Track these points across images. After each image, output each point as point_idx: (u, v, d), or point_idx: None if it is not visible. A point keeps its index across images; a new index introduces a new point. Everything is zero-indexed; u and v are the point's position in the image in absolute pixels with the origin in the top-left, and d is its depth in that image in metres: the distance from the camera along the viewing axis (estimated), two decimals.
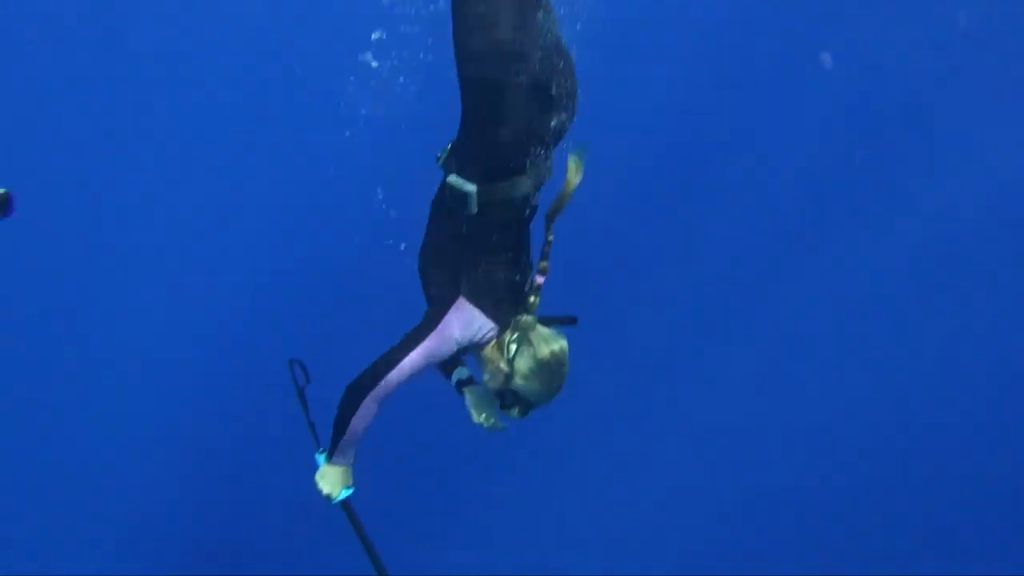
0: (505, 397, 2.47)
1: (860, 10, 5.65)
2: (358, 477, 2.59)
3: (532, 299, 2.43)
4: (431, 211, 2.57)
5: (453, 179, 2.36)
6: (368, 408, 2.41)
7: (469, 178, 2.35)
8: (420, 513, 6.05)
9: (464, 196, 2.33)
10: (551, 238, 2.41)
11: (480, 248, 2.41)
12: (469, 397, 2.74)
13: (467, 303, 2.41)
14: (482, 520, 6.17)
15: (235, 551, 5.89)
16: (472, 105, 2.35)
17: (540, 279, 2.45)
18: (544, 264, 2.45)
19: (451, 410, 2.92)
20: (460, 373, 2.81)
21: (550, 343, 2.41)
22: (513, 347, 2.39)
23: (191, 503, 5.80)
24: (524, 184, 2.33)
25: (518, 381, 2.42)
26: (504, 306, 2.44)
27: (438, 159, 2.46)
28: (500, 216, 2.38)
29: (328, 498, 2.60)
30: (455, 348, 2.43)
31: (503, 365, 2.41)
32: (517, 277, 2.45)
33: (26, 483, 5.39)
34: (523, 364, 2.39)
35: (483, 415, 2.66)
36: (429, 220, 2.58)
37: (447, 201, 2.42)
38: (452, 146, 2.45)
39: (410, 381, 2.41)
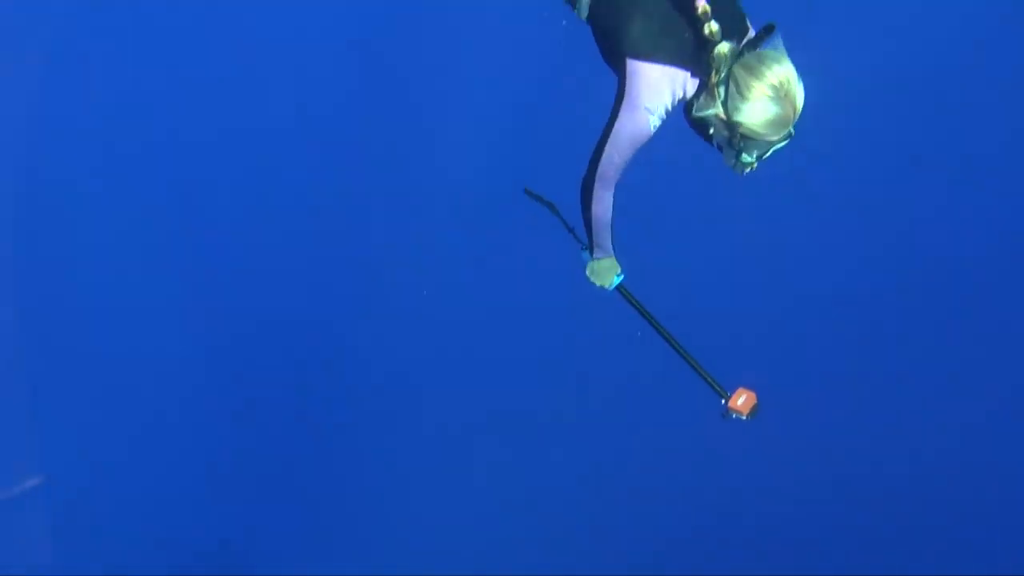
0: (735, 144, 2.17)
1: None
2: None
3: (709, 28, 2.07)
4: None
5: None
6: (601, 198, 2.32)
7: None
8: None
9: None
10: None
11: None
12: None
13: (638, 62, 2.14)
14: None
15: (236, 551, 5.90)
16: None
17: (702, 2, 2.08)
18: None
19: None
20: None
21: (762, 66, 2.04)
22: (722, 89, 2.08)
23: (192, 503, 5.81)
24: None
25: (743, 127, 2.10)
26: (684, 50, 2.14)
27: None
28: None
29: (604, 288, 2.63)
30: (657, 119, 2.17)
31: (720, 114, 2.10)
32: (683, 14, 2.14)
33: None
34: (738, 101, 2.07)
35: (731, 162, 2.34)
36: None
37: None
38: None
39: (631, 159, 2.25)
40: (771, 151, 2.16)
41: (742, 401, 2.71)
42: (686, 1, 2.09)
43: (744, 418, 2.71)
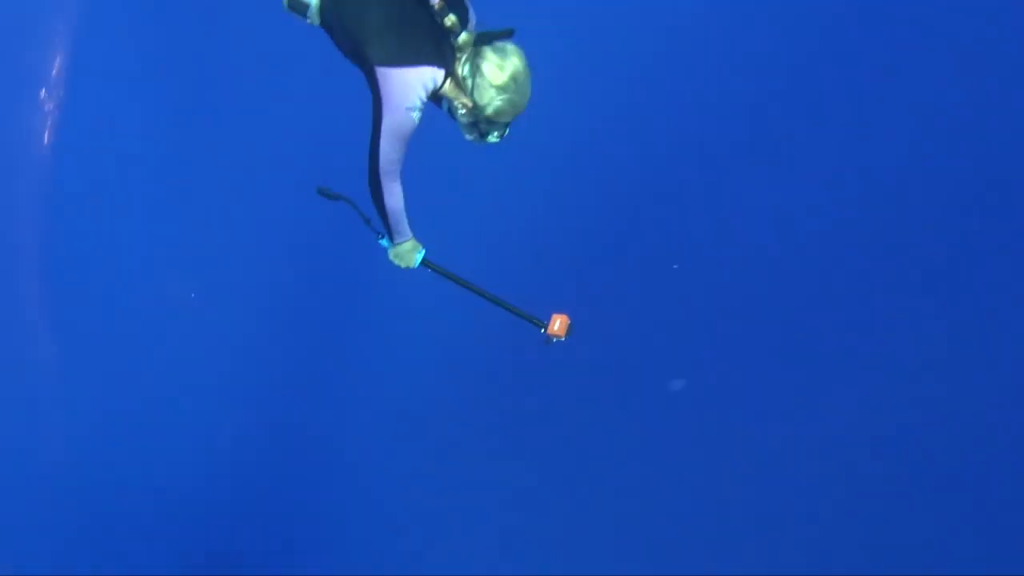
0: (481, 127, 2.45)
1: None
2: None
3: (448, 20, 2.28)
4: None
5: None
6: (391, 190, 2.49)
7: None
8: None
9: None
10: None
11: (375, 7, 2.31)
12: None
13: (387, 69, 2.27)
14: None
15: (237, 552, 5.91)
16: None
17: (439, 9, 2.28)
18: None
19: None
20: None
21: (502, 58, 2.33)
22: (468, 80, 2.33)
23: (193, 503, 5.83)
24: None
25: (488, 110, 2.37)
26: (426, 49, 2.30)
27: None
28: None
29: (409, 267, 2.81)
30: (417, 112, 2.32)
31: (466, 100, 2.36)
32: (420, 14, 2.30)
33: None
34: (484, 92, 2.33)
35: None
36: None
37: None
38: None
39: (406, 149, 2.40)
40: (507, 130, 2.45)
41: (558, 325, 2.98)
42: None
43: (563, 339, 2.98)
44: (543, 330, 3.00)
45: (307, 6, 2.35)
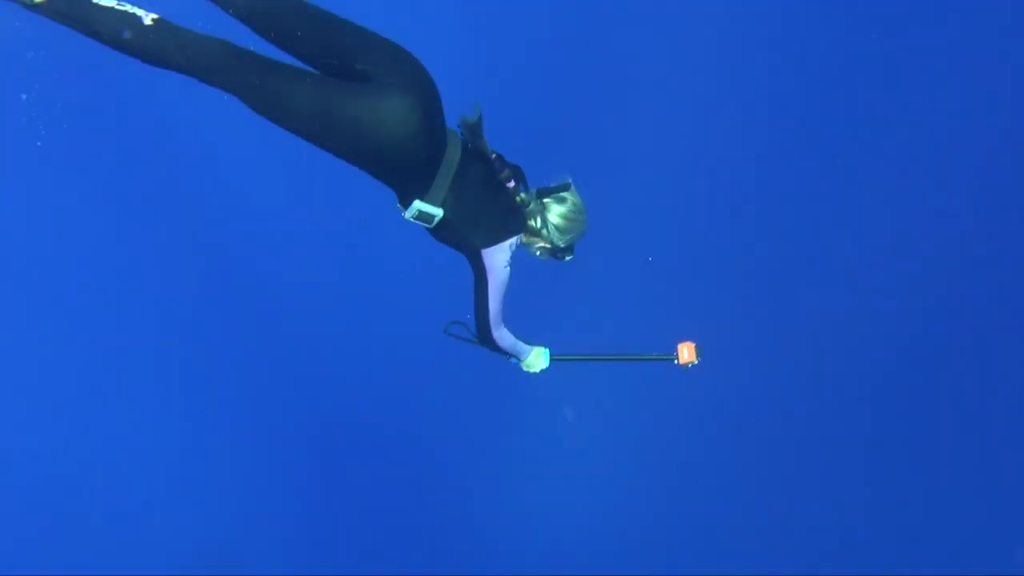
0: (558, 254, 3.04)
1: None
2: None
3: (520, 197, 2.88)
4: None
5: (418, 205, 2.81)
6: (501, 335, 3.01)
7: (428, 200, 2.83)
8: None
9: (430, 216, 2.82)
10: (493, 155, 2.86)
11: (462, 203, 2.83)
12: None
13: (487, 250, 2.86)
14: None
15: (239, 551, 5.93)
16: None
17: (511, 183, 2.87)
18: (506, 172, 2.86)
19: None
20: None
21: (561, 205, 2.95)
22: (544, 231, 2.93)
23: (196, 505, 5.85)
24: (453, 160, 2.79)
25: (560, 244, 2.98)
26: (510, 222, 2.91)
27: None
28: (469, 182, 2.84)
29: (545, 369, 3.25)
30: (509, 267, 2.91)
31: (545, 244, 2.98)
32: (500, 199, 2.89)
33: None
34: (555, 233, 2.94)
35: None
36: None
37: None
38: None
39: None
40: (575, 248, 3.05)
41: (687, 354, 3.19)
42: (495, 186, 2.85)
43: (698, 362, 3.19)
44: (676, 361, 3.23)
45: (433, 216, 2.80)
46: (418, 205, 2.75)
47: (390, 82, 2.57)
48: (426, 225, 2.82)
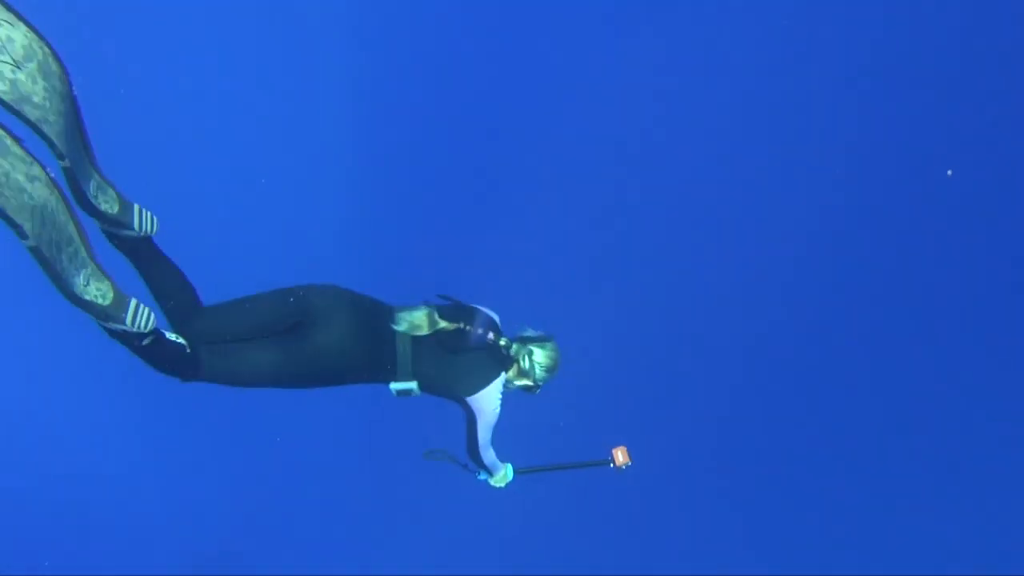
0: (533, 390, 3.40)
1: None
2: None
3: (502, 342, 3.27)
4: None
5: (394, 387, 3.21)
6: (487, 456, 3.41)
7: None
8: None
9: (409, 390, 3.23)
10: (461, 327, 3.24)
11: (432, 368, 3.22)
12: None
13: (474, 395, 3.25)
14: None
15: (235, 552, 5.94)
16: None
17: (490, 338, 3.26)
18: (479, 331, 3.25)
19: None
20: None
21: (545, 352, 3.34)
22: (528, 370, 3.31)
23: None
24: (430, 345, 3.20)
25: (541, 382, 3.36)
26: (488, 368, 3.28)
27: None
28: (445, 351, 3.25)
29: (510, 483, 3.60)
30: (499, 406, 3.30)
31: (527, 381, 3.34)
32: (468, 355, 3.25)
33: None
34: (540, 373, 3.33)
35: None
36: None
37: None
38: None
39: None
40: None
41: (620, 457, 3.54)
42: (478, 341, 3.21)
43: (632, 463, 3.56)
44: (612, 465, 3.58)
45: (410, 391, 3.19)
46: (394, 387, 3.16)
47: (317, 316, 2.96)
48: (414, 395, 3.22)
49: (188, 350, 2.85)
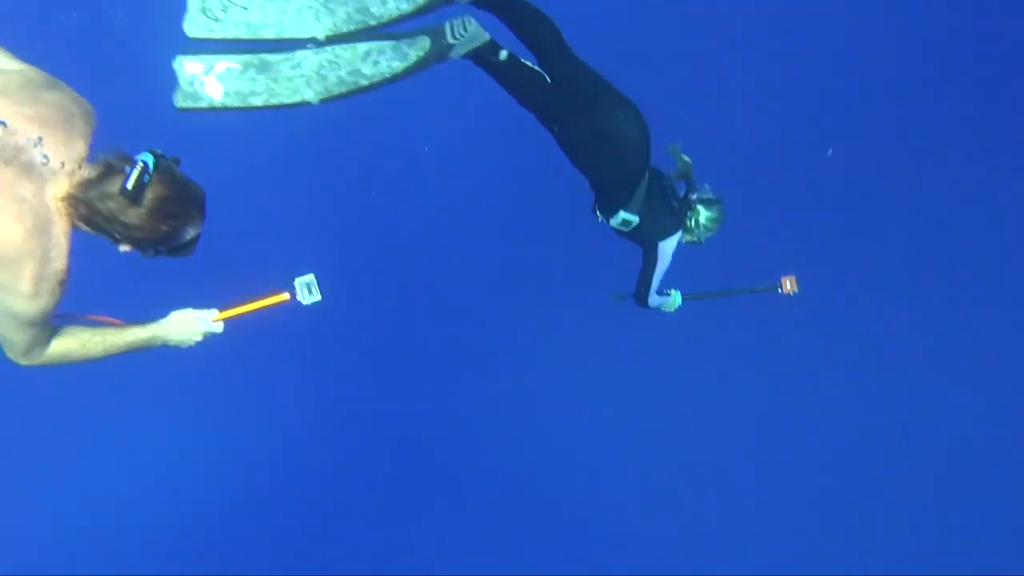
0: (700, 244, 3.69)
1: None
2: None
3: (691, 196, 3.61)
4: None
5: (622, 215, 3.53)
6: (652, 299, 3.69)
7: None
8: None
9: (630, 223, 3.58)
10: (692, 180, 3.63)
11: (648, 210, 3.53)
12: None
13: (663, 242, 3.56)
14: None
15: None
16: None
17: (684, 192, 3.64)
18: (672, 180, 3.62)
19: None
20: None
21: (711, 209, 3.64)
22: (698, 228, 3.63)
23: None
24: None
25: (706, 236, 3.67)
26: (675, 220, 3.60)
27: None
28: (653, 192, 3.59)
29: (679, 307, 3.84)
30: (672, 258, 3.61)
31: (693, 237, 3.66)
32: (668, 203, 3.61)
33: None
34: (707, 231, 3.66)
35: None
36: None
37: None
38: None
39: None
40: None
41: (789, 285, 3.70)
42: (664, 194, 3.63)
43: (798, 292, 3.72)
44: (779, 290, 3.78)
45: (631, 223, 3.52)
46: (622, 215, 3.43)
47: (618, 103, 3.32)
48: (623, 229, 3.49)
49: (548, 80, 3.19)
